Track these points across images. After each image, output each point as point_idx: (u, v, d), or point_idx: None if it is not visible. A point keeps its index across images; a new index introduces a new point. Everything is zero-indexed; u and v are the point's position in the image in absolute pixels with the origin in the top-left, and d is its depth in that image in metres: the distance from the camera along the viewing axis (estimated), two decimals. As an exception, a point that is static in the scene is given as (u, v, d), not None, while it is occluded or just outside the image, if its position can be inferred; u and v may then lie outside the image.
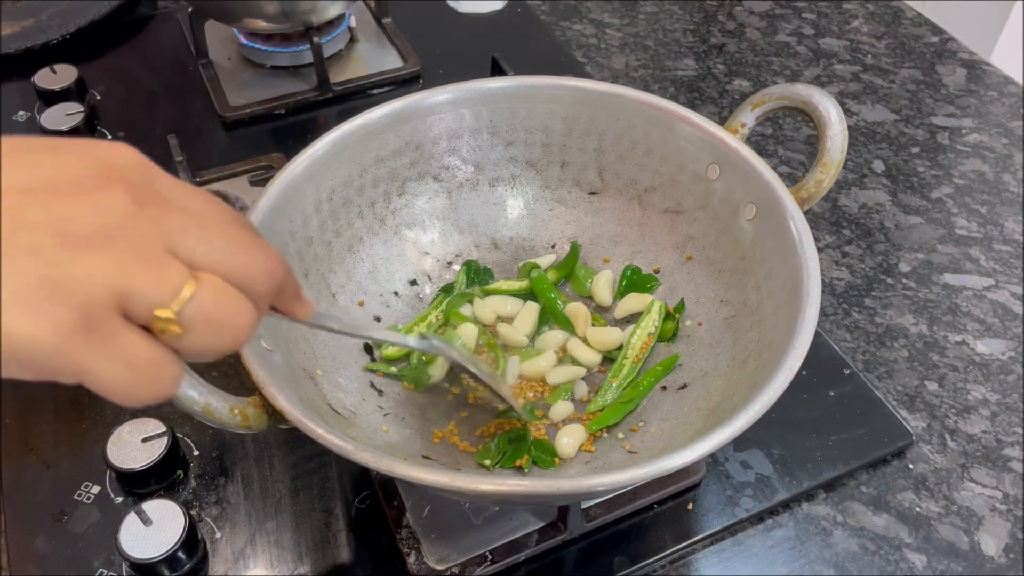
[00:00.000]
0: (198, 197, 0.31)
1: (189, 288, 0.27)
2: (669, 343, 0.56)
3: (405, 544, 0.51)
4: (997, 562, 0.53)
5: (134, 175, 0.29)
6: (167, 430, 0.55)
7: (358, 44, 0.92)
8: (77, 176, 0.27)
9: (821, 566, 0.53)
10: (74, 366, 0.26)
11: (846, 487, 0.57)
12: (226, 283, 0.29)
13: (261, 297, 0.31)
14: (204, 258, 0.28)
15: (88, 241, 0.26)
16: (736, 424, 0.40)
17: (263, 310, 0.32)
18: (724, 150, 0.54)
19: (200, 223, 0.29)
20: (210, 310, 0.28)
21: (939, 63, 0.92)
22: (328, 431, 0.39)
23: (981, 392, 0.62)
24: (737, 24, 0.97)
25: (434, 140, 0.59)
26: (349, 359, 0.54)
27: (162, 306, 0.27)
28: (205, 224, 0.29)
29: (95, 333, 0.26)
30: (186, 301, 0.27)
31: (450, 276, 0.61)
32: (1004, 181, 0.78)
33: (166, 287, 0.27)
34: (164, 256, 0.27)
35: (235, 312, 0.29)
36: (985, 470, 0.58)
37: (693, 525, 0.54)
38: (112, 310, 0.26)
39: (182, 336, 0.28)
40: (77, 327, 0.25)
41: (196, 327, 0.28)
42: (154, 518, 0.50)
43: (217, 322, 0.28)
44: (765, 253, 0.52)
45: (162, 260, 0.27)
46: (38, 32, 0.90)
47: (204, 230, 0.29)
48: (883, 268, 0.71)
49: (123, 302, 0.26)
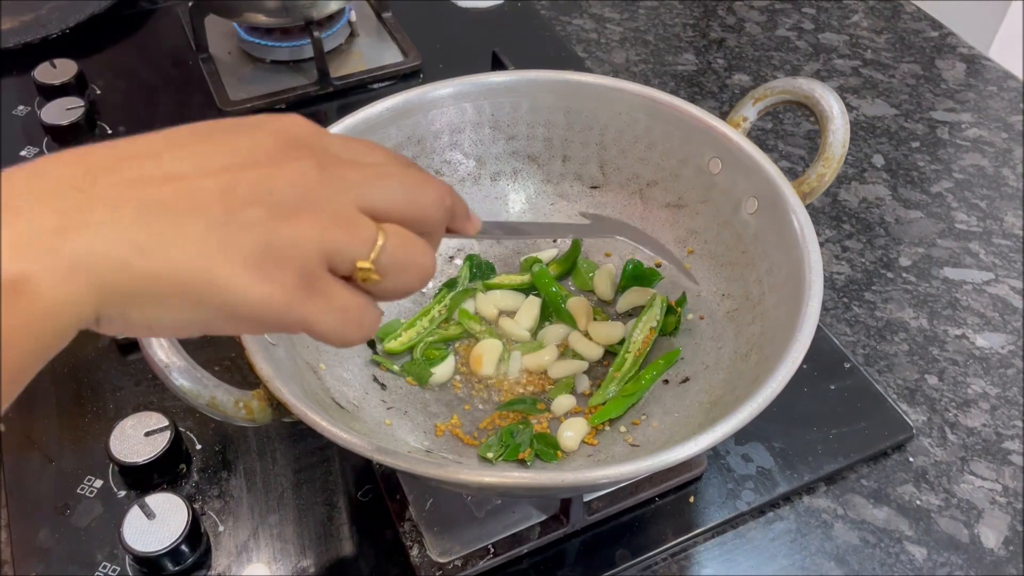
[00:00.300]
0: (362, 148, 0.34)
1: (380, 239, 0.30)
2: (671, 337, 0.57)
3: (408, 537, 0.51)
4: (997, 555, 0.53)
5: (312, 141, 0.31)
6: (169, 424, 0.55)
7: (358, 39, 0.91)
8: (268, 151, 0.30)
9: (822, 559, 0.53)
10: (300, 319, 0.29)
11: (847, 480, 0.57)
12: (406, 229, 0.32)
13: (437, 225, 0.34)
14: (385, 205, 0.31)
15: (293, 209, 0.29)
16: (738, 417, 0.40)
17: (440, 237, 0.35)
18: (726, 144, 0.54)
19: (375, 173, 0.32)
20: (400, 255, 0.31)
21: (939, 58, 0.92)
22: (332, 424, 0.40)
23: (981, 386, 0.62)
24: (737, 19, 0.97)
25: (436, 134, 0.59)
26: (352, 352, 0.54)
27: (363, 258, 0.30)
28: (378, 173, 0.32)
29: (312, 289, 0.29)
30: (380, 251, 0.30)
31: (452, 271, 0.61)
32: (1004, 175, 0.79)
33: (363, 241, 0.30)
34: (355, 213, 0.30)
35: (419, 254, 0.32)
36: (985, 463, 0.58)
37: (694, 518, 0.54)
38: (323, 267, 0.30)
39: (380, 281, 0.31)
40: (299, 286, 0.29)
41: (390, 272, 0.31)
42: (157, 512, 0.50)
43: (406, 263, 0.31)
44: (767, 247, 0.52)
45: (355, 217, 0.30)
46: (38, 27, 0.90)
47: (380, 179, 0.32)
48: (883, 262, 0.71)
49: (330, 259, 0.30)
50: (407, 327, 0.57)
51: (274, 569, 0.51)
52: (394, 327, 0.57)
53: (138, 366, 0.62)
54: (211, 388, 0.42)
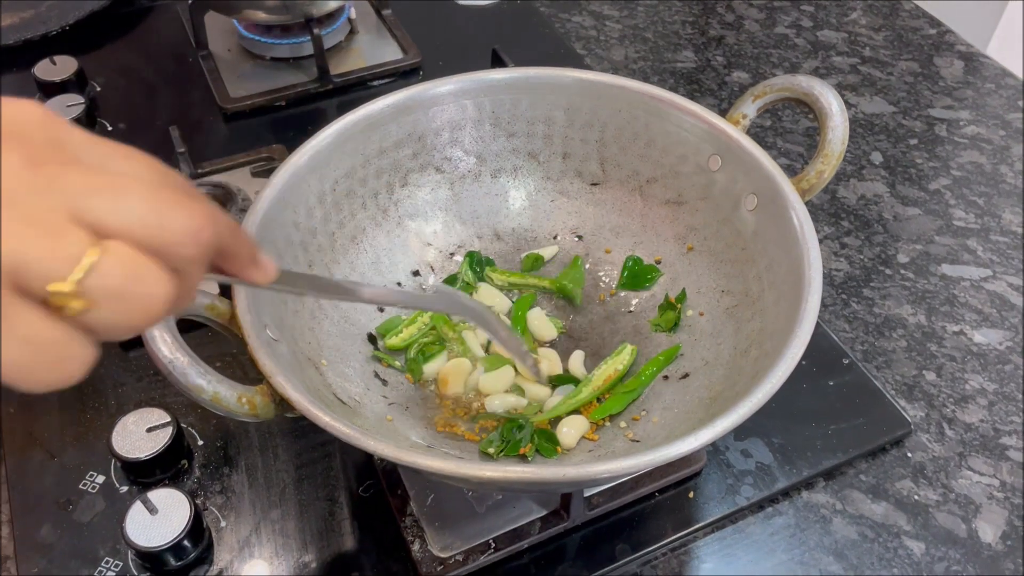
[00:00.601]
0: (118, 155, 0.28)
1: (90, 256, 0.24)
2: (671, 333, 0.57)
3: (409, 532, 0.52)
4: (995, 549, 0.54)
5: (34, 132, 0.26)
6: (172, 420, 0.55)
7: (358, 36, 0.92)
8: None
9: (821, 553, 0.53)
10: None
11: (845, 475, 0.57)
12: (137, 251, 0.26)
13: (186, 262, 0.27)
14: (113, 221, 0.25)
15: None
16: (738, 413, 0.40)
17: (195, 278, 0.29)
18: (726, 141, 0.54)
19: (112, 183, 0.26)
20: (116, 282, 0.25)
21: (937, 55, 0.92)
22: (336, 419, 0.40)
23: (979, 381, 0.63)
24: (736, 16, 0.98)
25: (436, 131, 0.59)
26: (353, 349, 0.54)
27: (58, 279, 0.24)
28: (118, 184, 0.26)
29: None
30: (87, 272, 0.24)
31: (452, 267, 0.61)
32: (1001, 172, 0.79)
33: (62, 257, 0.24)
34: (61, 222, 0.24)
35: (146, 283, 0.26)
36: (982, 458, 0.58)
37: (694, 513, 0.54)
38: (4, 285, 0.24)
39: (87, 311, 0.25)
40: None
41: (101, 301, 0.25)
42: (160, 507, 0.50)
43: (126, 294, 0.25)
44: (766, 244, 0.52)
45: (58, 227, 0.24)
46: (38, 23, 0.90)
47: (115, 190, 0.26)
48: (881, 259, 0.71)
49: (16, 276, 0.24)
50: (408, 323, 0.57)
51: (276, 564, 0.52)
52: (395, 323, 0.57)
53: (140, 362, 0.62)
54: (214, 384, 0.42)
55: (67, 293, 0.24)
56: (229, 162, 0.76)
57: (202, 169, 0.75)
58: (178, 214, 0.26)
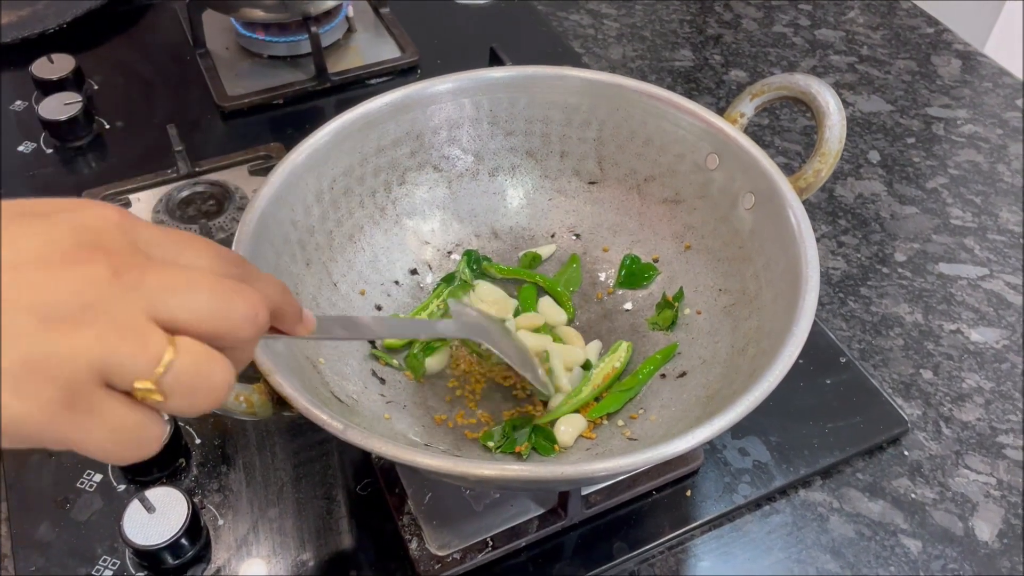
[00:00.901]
0: (182, 246, 0.31)
1: (168, 355, 0.28)
2: (668, 332, 0.57)
3: (407, 530, 0.52)
4: (991, 547, 0.54)
5: (114, 238, 0.29)
6: (168, 419, 0.55)
7: (356, 34, 0.92)
8: (61, 249, 0.28)
9: (818, 551, 0.53)
10: (62, 438, 0.27)
11: (842, 474, 0.57)
12: (203, 345, 0.29)
13: (246, 343, 0.31)
14: (186, 317, 0.29)
15: (69, 319, 0.27)
16: (735, 411, 0.40)
17: (249, 353, 0.33)
18: (724, 140, 0.54)
19: (184, 280, 0.29)
20: (188, 377, 0.29)
21: (934, 54, 0.92)
22: (333, 418, 0.40)
23: (975, 380, 0.63)
24: (734, 15, 0.98)
25: (434, 130, 0.59)
26: (351, 347, 0.54)
27: (143, 377, 0.28)
28: (188, 280, 0.29)
29: (79, 407, 0.27)
30: (165, 369, 0.28)
31: (450, 265, 0.61)
32: (998, 171, 0.79)
33: (145, 358, 0.28)
34: (144, 324, 0.28)
35: (212, 375, 0.29)
36: (979, 457, 0.58)
37: (691, 511, 0.54)
38: (95, 383, 0.27)
39: (164, 402, 0.29)
40: (62, 404, 0.27)
41: (175, 392, 0.29)
42: (157, 505, 0.50)
43: (195, 387, 0.29)
44: (764, 242, 0.52)
45: (141, 330, 0.28)
46: (35, 21, 0.90)
47: (186, 288, 0.29)
48: (879, 258, 0.71)
49: (105, 375, 0.27)
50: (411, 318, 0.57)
51: (273, 563, 0.52)
52: (393, 322, 0.57)
53: (137, 361, 0.62)
54: (212, 382, 0.42)
55: (149, 389, 0.28)
56: (227, 160, 0.76)
57: (200, 167, 0.75)
58: (238, 303, 0.30)
